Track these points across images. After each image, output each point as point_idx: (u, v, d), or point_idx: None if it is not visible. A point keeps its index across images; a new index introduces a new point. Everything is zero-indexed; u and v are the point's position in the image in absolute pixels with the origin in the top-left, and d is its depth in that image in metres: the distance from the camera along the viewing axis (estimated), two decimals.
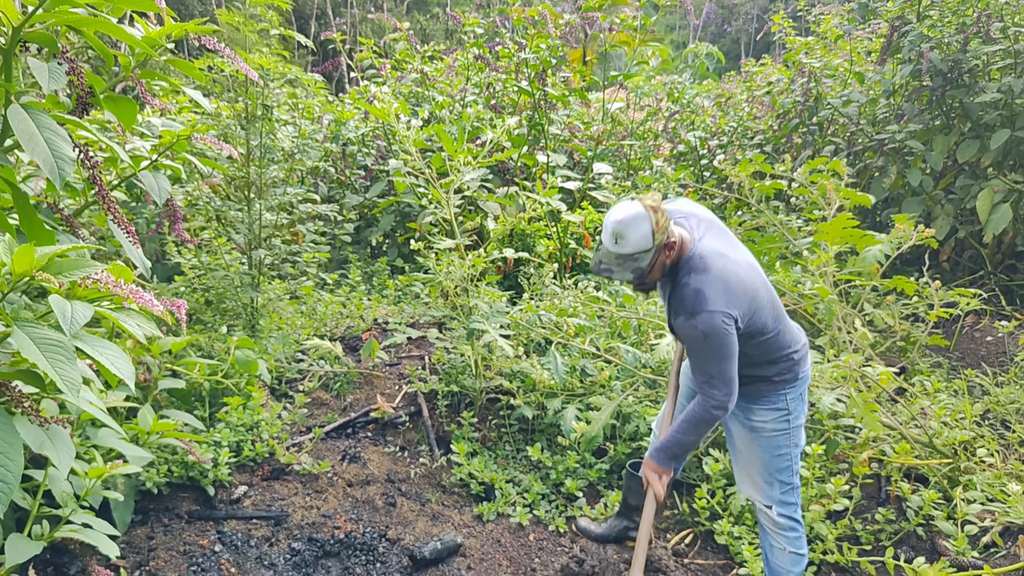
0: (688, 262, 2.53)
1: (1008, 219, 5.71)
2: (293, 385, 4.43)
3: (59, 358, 1.25)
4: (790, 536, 2.84)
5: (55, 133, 1.53)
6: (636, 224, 2.43)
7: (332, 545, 3.30)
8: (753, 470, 2.80)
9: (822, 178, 5.05)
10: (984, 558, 3.39)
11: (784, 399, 2.71)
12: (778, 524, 2.83)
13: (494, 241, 4.35)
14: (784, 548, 2.85)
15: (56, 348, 1.26)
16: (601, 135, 5.35)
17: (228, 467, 3.50)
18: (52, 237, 1.95)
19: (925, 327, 4.82)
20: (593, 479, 3.90)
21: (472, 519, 3.65)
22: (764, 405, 2.72)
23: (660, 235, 2.45)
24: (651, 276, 2.57)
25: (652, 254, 2.48)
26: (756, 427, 2.74)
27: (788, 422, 2.74)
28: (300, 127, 5.22)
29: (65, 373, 1.23)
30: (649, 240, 2.44)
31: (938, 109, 6.58)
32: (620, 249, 2.47)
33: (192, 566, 3.07)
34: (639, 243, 2.44)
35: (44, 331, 1.26)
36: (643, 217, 2.43)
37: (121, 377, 1.41)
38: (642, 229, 2.43)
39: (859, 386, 3.81)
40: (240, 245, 4.62)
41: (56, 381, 1.21)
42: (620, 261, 2.50)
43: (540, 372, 4.05)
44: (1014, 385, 4.45)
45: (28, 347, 1.23)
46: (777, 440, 2.74)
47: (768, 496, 2.79)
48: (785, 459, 2.76)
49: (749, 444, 2.78)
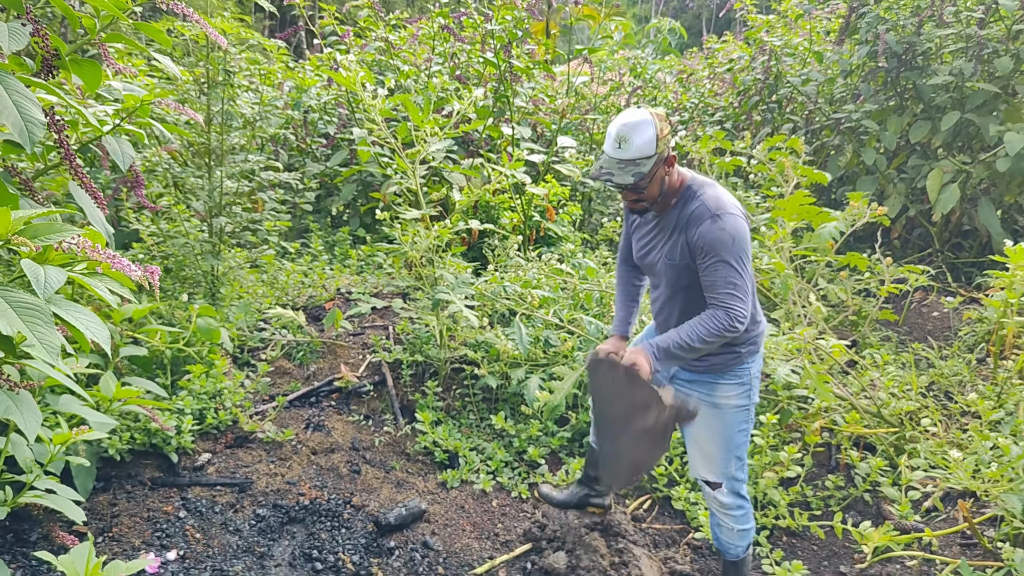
0: (690, 187, 2.57)
1: (956, 199, 5.89)
2: (255, 354, 4.42)
3: (37, 322, 1.25)
4: (737, 515, 2.89)
5: (23, 96, 1.51)
6: (641, 128, 2.42)
7: (297, 512, 3.33)
8: (712, 448, 2.81)
9: (780, 155, 5.15)
10: (926, 521, 3.55)
11: (748, 373, 2.77)
12: (725, 505, 2.86)
13: (459, 212, 4.36)
14: (732, 527, 2.91)
15: (34, 312, 1.26)
16: (566, 109, 5.38)
17: (191, 435, 3.50)
18: (16, 201, 1.92)
19: (876, 302, 4.98)
20: (555, 447, 3.98)
21: (436, 486, 3.71)
22: (730, 380, 2.75)
23: (663, 143, 2.46)
24: (649, 190, 2.54)
25: (654, 162, 2.46)
26: (720, 404, 2.76)
27: (748, 398, 2.79)
28: (261, 94, 5.15)
29: (44, 337, 1.24)
30: (653, 145, 2.43)
31: (893, 90, 6.73)
32: (623, 154, 2.45)
33: (157, 532, 3.08)
34: (643, 148, 2.43)
35: (21, 295, 1.26)
36: (648, 122, 2.43)
37: (98, 341, 1.41)
38: (647, 133, 2.42)
39: (812, 358, 3.94)
40: (199, 212, 4.56)
41: (36, 345, 1.22)
42: (622, 165, 2.48)
43: (504, 342, 4.10)
44: (957, 358, 4.64)
45: (5, 311, 1.22)
46: (738, 416, 2.79)
47: (722, 473, 2.82)
48: (743, 435, 2.82)
49: (710, 422, 2.78)
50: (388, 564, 3.18)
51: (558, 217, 5.66)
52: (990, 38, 6.27)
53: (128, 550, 2.96)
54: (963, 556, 3.20)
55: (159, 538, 3.07)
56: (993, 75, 6.28)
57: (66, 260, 1.50)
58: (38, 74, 1.82)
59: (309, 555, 3.14)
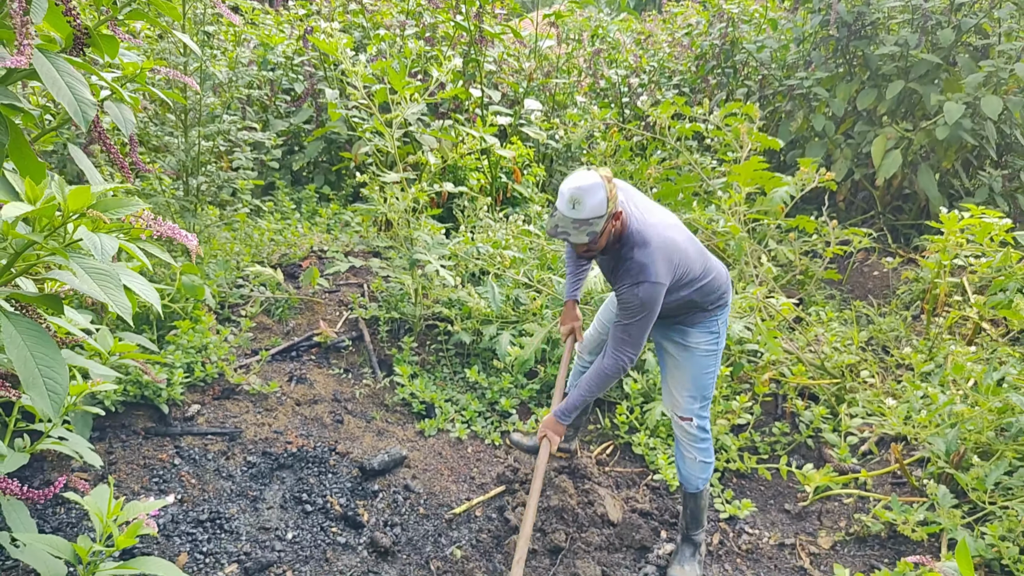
0: (629, 238, 2.85)
1: (898, 164, 6.23)
2: (236, 310, 4.56)
3: (110, 285, 1.42)
4: (701, 447, 3.22)
5: (74, 78, 1.66)
6: (593, 191, 2.67)
7: (286, 458, 3.54)
8: (682, 385, 3.16)
9: (736, 121, 5.42)
10: (862, 464, 3.92)
11: (717, 323, 3.13)
12: (692, 435, 3.21)
13: (428, 174, 4.53)
14: (695, 458, 3.23)
15: (106, 277, 1.43)
16: (533, 72, 5.52)
17: (181, 387, 3.66)
18: (43, 169, 2.06)
19: (822, 262, 5.31)
20: (525, 398, 4.24)
21: (414, 434, 3.95)
22: (700, 329, 3.11)
23: (612, 203, 2.72)
24: (600, 242, 2.82)
25: (605, 220, 2.73)
26: (691, 347, 3.11)
27: (717, 344, 3.15)
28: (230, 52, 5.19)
29: (117, 300, 1.41)
30: (604, 207, 2.69)
31: (842, 58, 7.01)
32: (576, 214, 2.70)
33: (154, 478, 3.27)
34: (595, 209, 2.68)
35: (93, 262, 1.43)
36: (599, 185, 2.68)
37: (150, 302, 1.59)
38: (598, 196, 2.67)
39: (763, 315, 4.25)
40: (174, 171, 4.64)
41: (109, 305, 1.39)
42: (576, 225, 2.73)
43: (477, 301, 4.32)
44: (894, 315, 5.01)
45: (83, 277, 1.40)
46: (707, 360, 3.14)
47: (690, 409, 3.16)
48: (710, 376, 3.16)
49: (682, 363, 3.14)
50: (373, 505, 3.43)
51: (524, 178, 5.85)
52: (934, 10, 6.57)
53: (128, 495, 3.14)
54: (894, 493, 3.57)
55: (156, 484, 3.26)
56: (936, 46, 6.60)
57: (110, 228, 1.67)
58: (69, 51, 1.94)
59: (299, 498, 3.36)
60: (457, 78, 5.37)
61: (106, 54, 2.09)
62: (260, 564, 2.98)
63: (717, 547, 3.48)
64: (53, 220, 1.44)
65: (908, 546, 3.33)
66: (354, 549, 3.18)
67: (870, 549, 3.39)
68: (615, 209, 2.76)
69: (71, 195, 1.39)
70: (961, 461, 3.41)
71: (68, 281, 1.46)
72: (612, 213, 2.76)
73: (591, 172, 2.75)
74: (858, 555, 3.38)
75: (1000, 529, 3.02)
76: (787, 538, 3.53)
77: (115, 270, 1.43)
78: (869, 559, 3.34)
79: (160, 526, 3.05)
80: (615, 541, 3.41)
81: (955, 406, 3.27)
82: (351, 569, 3.08)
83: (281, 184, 6.52)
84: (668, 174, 5.83)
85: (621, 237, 2.89)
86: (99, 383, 2.58)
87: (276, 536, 3.15)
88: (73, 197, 1.40)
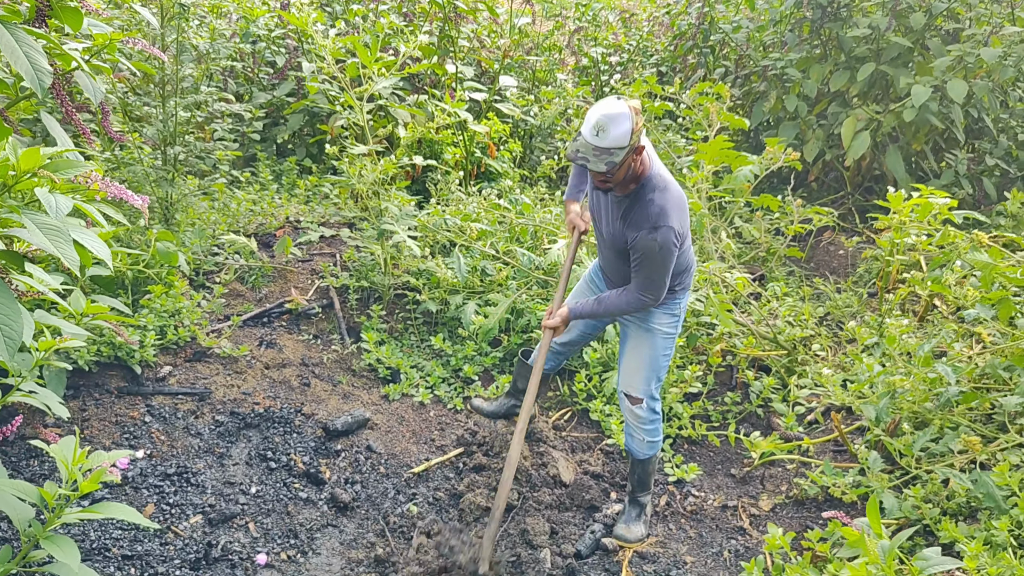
0: (650, 180, 2.85)
1: (867, 146, 6.36)
2: (210, 277, 4.70)
3: (60, 240, 1.56)
4: (649, 428, 3.33)
5: (32, 48, 1.78)
6: (619, 120, 2.64)
7: (253, 418, 3.70)
8: (639, 366, 3.23)
9: (707, 101, 5.54)
10: (807, 432, 4.10)
11: (679, 306, 3.21)
12: (640, 418, 3.30)
13: (404, 147, 4.65)
14: (643, 439, 3.35)
15: (56, 232, 1.57)
16: (508, 48, 5.62)
17: (154, 348, 3.81)
18: (9, 133, 2.19)
19: (784, 240, 5.46)
20: (488, 365, 4.40)
21: (379, 398, 4.11)
22: (664, 311, 3.19)
23: (636, 136, 2.68)
24: (618, 175, 2.77)
25: (626, 152, 2.68)
26: (653, 329, 3.19)
27: (676, 328, 3.25)
28: (211, 24, 5.28)
29: (66, 253, 1.55)
30: (627, 138, 2.65)
31: (817, 39, 7.12)
32: (599, 141, 2.66)
33: (125, 434, 3.42)
34: (618, 139, 2.64)
35: (45, 218, 1.57)
36: (626, 116, 2.65)
37: (102, 258, 1.73)
38: (624, 126, 2.64)
39: (719, 289, 4.40)
40: (152, 140, 4.74)
41: (61, 259, 1.53)
42: (597, 153, 2.68)
43: (444, 271, 4.46)
44: (850, 292, 5.17)
45: (35, 233, 1.53)
46: (666, 342, 3.24)
47: (643, 390, 3.24)
48: (666, 359, 3.27)
49: (642, 343, 3.21)
50: (335, 464, 3.59)
51: (499, 154, 5.96)
52: None
53: (100, 449, 3.29)
54: (827, 458, 3.74)
55: (127, 439, 3.41)
56: (909, 29, 6.71)
57: (67, 188, 1.80)
58: (32, 22, 2.06)
59: (264, 456, 3.52)
60: (431, 53, 5.47)
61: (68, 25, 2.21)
62: (224, 515, 3.14)
63: (664, 508, 3.65)
64: (7, 179, 1.57)
65: (843, 508, 3.51)
66: (315, 504, 3.35)
67: (807, 511, 3.57)
68: (638, 143, 2.72)
69: (23, 156, 1.52)
70: (896, 429, 3.58)
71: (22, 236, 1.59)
72: (635, 147, 2.71)
73: (620, 101, 2.69)
74: (795, 516, 3.57)
75: (923, 492, 3.20)
76: (730, 500, 3.70)
77: (65, 227, 1.57)
78: (805, 520, 3.52)
79: (129, 479, 3.20)
80: (566, 501, 3.59)
81: (891, 377, 3.44)
82: (311, 522, 3.25)
83: (262, 156, 6.63)
84: None
85: (640, 177, 2.86)
86: (67, 340, 2.72)
87: (240, 490, 3.32)
88: (25, 158, 1.53)
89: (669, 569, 3.27)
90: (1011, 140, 7.04)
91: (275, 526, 3.18)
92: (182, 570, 2.87)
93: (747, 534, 3.50)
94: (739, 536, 3.48)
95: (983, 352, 3.56)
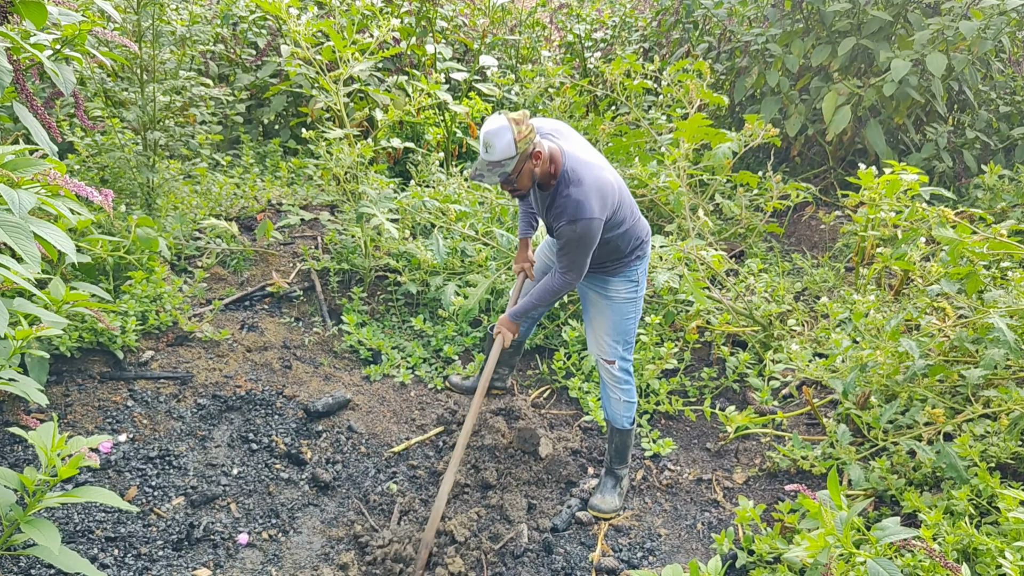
0: (564, 176, 3.00)
1: (847, 120, 6.39)
2: (192, 261, 4.73)
3: (20, 236, 1.60)
4: (625, 388, 3.45)
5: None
6: (500, 134, 2.83)
7: (234, 401, 3.76)
8: (604, 331, 3.38)
9: (687, 78, 5.55)
10: (782, 406, 4.17)
11: (636, 272, 3.33)
12: (616, 377, 3.43)
13: (383, 130, 4.67)
14: (619, 398, 3.46)
15: (16, 229, 1.61)
16: (486, 29, 5.62)
17: (135, 334, 3.85)
18: None
19: (763, 216, 5.51)
20: (468, 345, 4.46)
21: (360, 379, 4.17)
22: (620, 279, 3.31)
23: (523, 144, 2.87)
24: (520, 182, 2.99)
25: (516, 161, 2.89)
26: (611, 296, 3.33)
27: (636, 292, 3.35)
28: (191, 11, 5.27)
29: (27, 249, 1.59)
30: (512, 148, 2.85)
31: (799, 13, 7.12)
32: (489, 156, 2.88)
33: (108, 418, 3.48)
34: (504, 151, 2.85)
35: (6, 215, 1.61)
36: (506, 128, 2.84)
37: (65, 251, 1.77)
38: (505, 138, 2.84)
39: (695, 266, 4.45)
40: (132, 125, 4.76)
41: (22, 255, 1.57)
42: (490, 167, 2.91)
43: (424, 253, 4.51)
44: (827, 267, 5.23)
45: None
46: (626, 307, 3.35)
47: (613, 353, 3.39)
48: (631, 322, 3.38)
49: (603, 310, 3.36)
50: (316, 445, 3.66)
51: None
52: None
53: (83, 434, 3.35)
54: (795, 431, 3.82)
55: (110, 424, 3.47)
56: (890, 2, 6.72)
57: (30, 184, 1.84)
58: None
59: (246, 437, 3.59)
60: (409, 33, 5.46)
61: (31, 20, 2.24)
62: (206, 496, 3.21)
63: (640, 482, 3.73)
64: None
65: (814, 480, 3.59)
66: (296, 484, 3.42)
67: (779, 483, 3.65)
68: (529, 149, 2.90)
69: None
70: (866, 403, 3.66)
71: None
72: (527, 153, 2.90)
73: (500, 116, 2.88)
74: (768, 489, 3.65)
75: (889, 463, 3.28)
76: (705, 474, 3.78)
77: (26, 223, 1.61)
78: (776, 492, 3.60)
79: (112, 463, 3.27)
80: (544, 476, 3.66)
81: (860, 351, 3.50)
82: (292, 501, 3.32)
83: (246, 138, 6.63)
84: (621, 129, 5.97)
85: (556, 175, 3.03)
86: (44, 328, 2.76)
87: (222, 472, 3.38)
88: None
89: (644, 541, 3.35)
90: (992, 112, 7.08)
91: (257, 506, 3.25)
92: (165, 551, 2.94)
93: (721, 506, 3.58)
94: (713, 509, 3.56)
95: (954, 325, 3.62)
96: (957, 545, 2.66)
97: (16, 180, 1.60)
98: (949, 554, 2.62)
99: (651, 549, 3.31)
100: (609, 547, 3.31)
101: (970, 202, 6.11)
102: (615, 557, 3.24)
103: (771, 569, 3.00)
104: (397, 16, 4.34)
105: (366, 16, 5.03)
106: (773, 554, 3.00)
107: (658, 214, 5.68)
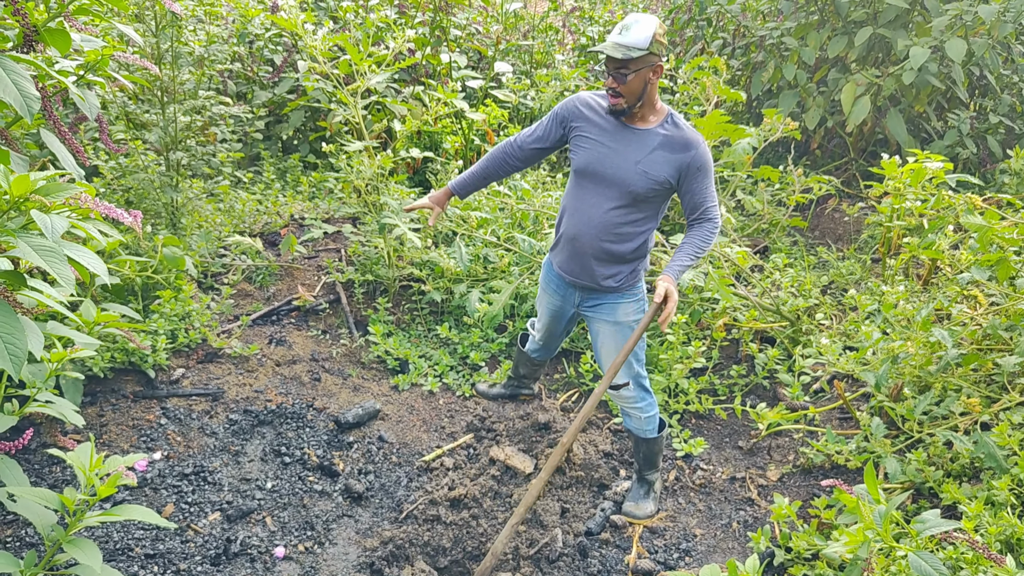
0: (672, 115, 2.96)
1: (867, 110, 6.33)
2: (218, 278, 4.78)
3: (54, 260, 1.63)
4: (641, 406, 3.36)
5: (20, 75, 1.85)
6: (645, 23, 2.76)
7: (266, 415, 3.79)
8: (617, 359, 3.21)
9: (704, 75, 5.53)
10: (812, 401, 4.13)
11: (641, 290, 3.26)
12: (629, 399, 3.35)
13: (401, 140, 4.70)
14: (639, 416, 3.40)
15: (50, 253, 1.64)
16: (500, 35, 5.64)
17: (166, 352, 3.90)
18: (7, 157, 2.27)
19: (786, 210, 5.47)
20: (495, 351, 4.46)
21: (389, 389, 4.18)
22: (628, 299, 3.22)
23: (656, 46, 2.79)
24: (630, 84, 2.81)
25: (644, 56, 2.77)
26: (621, 322, 3.24)
27: (641, 312, 3.28)
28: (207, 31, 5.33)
29: (61, 272, 1.62)
30: (648, 41, 2.74)
31: (813, 5, 7.07)
32: (622, 39, 2.76)
33: (142, 437, 3.52)
34: (639, 38, 2.74)
35: (39, 239, 1.64)
36: (652, 22, 2.78)
37: (97, 273, 1.80)
38: (647, 29, 2.75)
39: (720, 264, 4.43)
40: (155, 146, 4.82)
41: (57, 279, 1.60)
42: (616, 47, 2.77)
43: (447, 261, 4.52)
44: (853, 259, 5.18)
45: (30, 253, 1.60)
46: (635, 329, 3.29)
47: (627, 375, 3.30)
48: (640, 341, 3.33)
49: (616, 338, 3.26)
50: (348, 456, 3.68)
51: (498, 140, 5.99)
52: None
53: (118, 453, 3.40)
54: (829, 426, 3.78)
55: (144, 442, 3.51)
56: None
57: (60, 208, 1.87)
58: (20, 47, 2.13)
59: (278, 451, 3.61)
60: (424, 43, 5.49)
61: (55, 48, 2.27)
62: (241, 511, 3.24)
63: (673, 483, 3.71)
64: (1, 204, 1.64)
65: (849, 475, 3.56)
66: (330, 495, 3.44)
67: (814, 479, 3.62)
68: (658, 59, 2.83)
69: (14, 182, 1.59)
70: (899, 395, 3.61)
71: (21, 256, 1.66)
72: (654, 61, 2.81)
73: (652, 16, 2.84)
74: (802, 485, 3.61)
75: (926, 455, 3.23)
76: (738, 472, 3.76)
77: (59, 247, 1.64)
78: (812, 488, 3.57)
79: (148, 480, 3.30)
80: (575, 480, 3.65)
81: (891, 343, 3.46)
82: (327, 513, 3.34)
83: (266, 155, 6.70)
84: None
85: (659, 112, 2.96)
86: (78, 350, 2.80)
87: (256, 486, 3.41)
88: (16, 184, 1.60)
89: (679, 542, 3.33)
90: (1015, 96, 6.98)
91: (292, 519, 3.27)
92: (203, 566, 2.97)
93: (755, 504, 3.55)
94: (747, 507, 3.54)
95: (986, 313, 3.57)
96: (1000, 536, 2.61)
97: (48, 205, 1.62)
98: (992, 545, 2.58)
99: (687, 550, 3.29)
100: (644, 549, 3.29)
101: (997, 188, 6.03)
102: (651, 559, 3.22)
103: (809, 566, 2.97)
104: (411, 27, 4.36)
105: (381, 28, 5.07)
106: (811, 551, 2.97)
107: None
